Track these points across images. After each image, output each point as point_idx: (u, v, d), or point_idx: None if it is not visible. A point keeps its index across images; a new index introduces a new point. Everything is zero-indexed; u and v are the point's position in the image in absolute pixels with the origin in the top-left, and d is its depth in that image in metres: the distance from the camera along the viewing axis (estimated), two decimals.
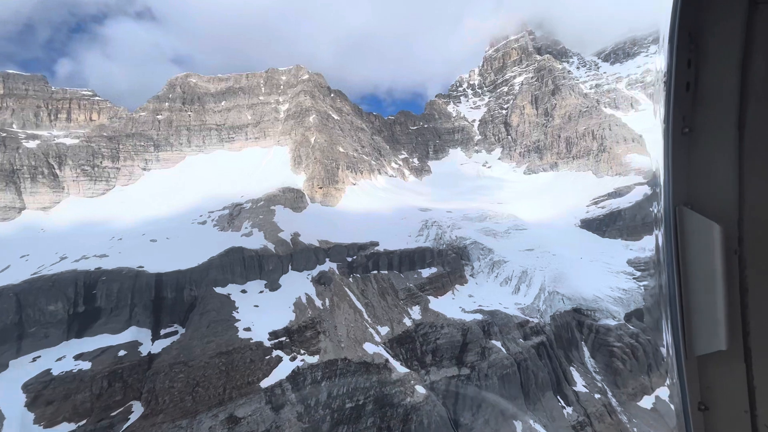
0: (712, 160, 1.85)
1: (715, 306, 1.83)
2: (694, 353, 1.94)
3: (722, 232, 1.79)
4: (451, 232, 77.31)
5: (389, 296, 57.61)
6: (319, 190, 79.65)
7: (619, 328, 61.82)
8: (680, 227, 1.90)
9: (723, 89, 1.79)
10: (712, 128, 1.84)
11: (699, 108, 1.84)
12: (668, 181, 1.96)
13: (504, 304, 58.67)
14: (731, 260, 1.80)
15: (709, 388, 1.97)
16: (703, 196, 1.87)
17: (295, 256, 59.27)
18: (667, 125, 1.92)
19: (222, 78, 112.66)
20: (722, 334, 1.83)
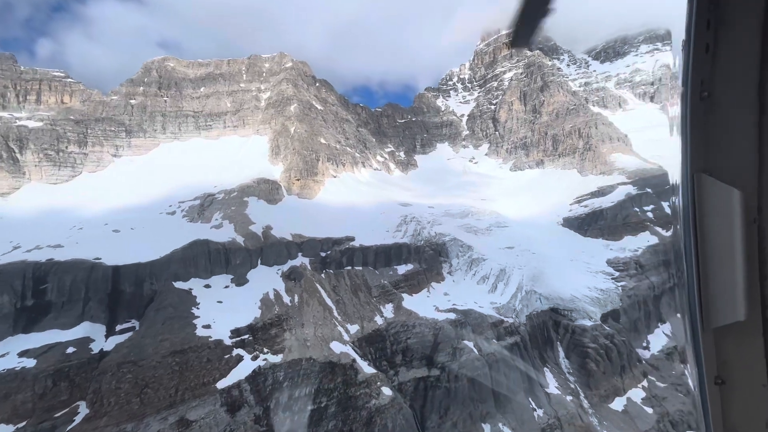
0: (732, 126, 1.78)
1: (734, 276, 1.76)
2: (711, 325, 1.87)
3: (742, 199, 1.73)
4: (430, 228, 75.79)
5: (362, 293, 55.95)
6: (296, 182, 77.20)
7: (595, 329, 61.29)
8: (698, 195, 1.83)
9: (743, 51, 1.72)
10: (732, 92, 1.76)
11: (718, 71, 1.77)
12: (686, 147, 1.87)
13: (479, 303, 57.49)
14: (750, 230, 1.74)
15: (726, 361, 1.90)
16: (722, 163, 1.80)
17: (265, 250, 57.09)
18: (686, 89, 1.84)
19: (202, 63, 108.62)
20: (741, 306, 1.75)
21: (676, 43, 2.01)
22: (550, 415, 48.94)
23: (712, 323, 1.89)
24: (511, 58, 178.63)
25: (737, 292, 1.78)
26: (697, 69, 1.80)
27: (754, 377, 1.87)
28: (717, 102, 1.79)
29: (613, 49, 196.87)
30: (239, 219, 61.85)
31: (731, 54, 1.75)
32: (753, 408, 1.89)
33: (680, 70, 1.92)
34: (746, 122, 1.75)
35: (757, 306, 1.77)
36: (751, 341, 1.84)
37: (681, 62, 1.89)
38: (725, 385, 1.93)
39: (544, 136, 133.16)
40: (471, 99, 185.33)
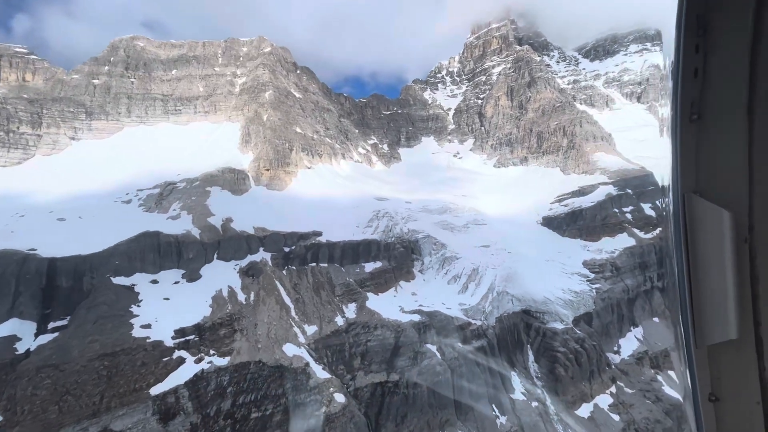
0: (721, 147, 1.83)
1: (726, 295, 1.80)
2: (704, 343, 1.90)
3: (732, 219, 1.77)
4: (404, 224, 73.22)
5: (324, 292, 53.23)
6: (265, 172, 73.61)
7: (566, 333, 59.77)
8: (689, 215, 1.87)
9: (732, 75, 1.77)
10: (721, 114, 1.81)
11: (707, 94, 1.82)
12: (677, 168, 1.92)
13: (447, 304, 55.30)
14: (741, 249, 1.78)
15: (720, 378, 1.93)
16: (712, 183, 1.85)
17: (223, 244, 53.83)
18: (675, 112, 1.90)
19: (175, 44, 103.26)
20: (733, 323, 1.80)
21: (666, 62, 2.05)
22: (513, 422, 47.22)
23: (705, 341, 1.89)
24: (501, 53, 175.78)
25: (729, 311, 1.79)
26: (686, 92, 1.83)
27: (748, 394, 1.86)
28: (706, 124, 1.82)
29: (603, 47, 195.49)
30: (199, 210, 58.34)
31: (720, 78, 1.77)
32: (747, 425, 1.89)
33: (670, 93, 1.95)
34: (735, 144, 1.77)
35: (750, 324, 1.79)
36: (744, 359, 1.84)
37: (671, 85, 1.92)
38: (719, 402, 1.94)
39: (529, 132, 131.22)
40: (459, 93, 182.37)
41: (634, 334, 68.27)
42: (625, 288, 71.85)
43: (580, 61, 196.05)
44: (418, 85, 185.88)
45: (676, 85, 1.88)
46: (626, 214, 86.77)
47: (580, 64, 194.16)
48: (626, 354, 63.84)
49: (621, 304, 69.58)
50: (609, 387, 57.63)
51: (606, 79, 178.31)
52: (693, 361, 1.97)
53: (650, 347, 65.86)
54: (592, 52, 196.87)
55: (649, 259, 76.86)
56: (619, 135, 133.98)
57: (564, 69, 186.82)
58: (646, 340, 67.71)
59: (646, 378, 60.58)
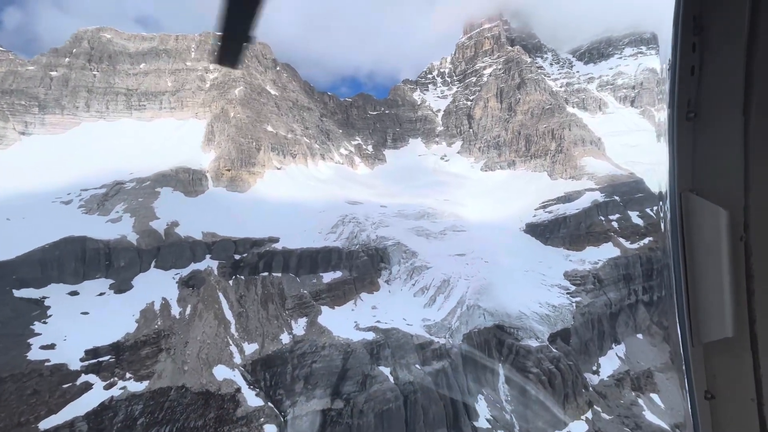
0: (718, 145, 1.84)
1: (722, 292, 1.82)
2: (700, 341, 1.93)
3: (728, 217, 1.79)
4: (373, 230, 68.59)
5: (273, 305, 48.51)
6: (226, 173, 68.95)
7: (540, 351, 55.15)
8: (685, 213, 1.89)
9: (728, 73, 1.78)
10: (718, 113, 1.83)
11: (704, 92, 1.84)
12: (673, 166, 1.94)
13: (409, 320, 50.64)
14: (737, 247, 1.80)
15: (716, 376, 1.96)
16: (708, 181, 1.87)
17: (163, 251, 49.09)
18: (672, 110, 1.91)
19: (146, 37, 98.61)
20: (728, 321, 1.82)
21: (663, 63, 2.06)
22: None
23: (701, 339, 1.92)
24: (492, 54, 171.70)
25: (725, 309, 1.81)
26: (683, 90, 1.85)
27: (743, 392, 1.88)
28: (703, 122, 1.84)
29: (598, 50, 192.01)
30: (143, 212, 53.64)
31: (716, 76, 1.78)
32: (742, 422, 1.92)
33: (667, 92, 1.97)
34: (732, 142, 1.78)
35: (745, 322, 1.81)
36: (740, 356, 1.86)
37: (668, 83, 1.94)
38: (715, 400, 1.96)
39: (518, 135, 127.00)
40: (450, 94, 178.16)
41: (616, 352, 63.73)
42: (608, 302, 67.38)
43: (573, 64, 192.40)
44: (407, 86, 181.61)
45: (673, 84, 1.88)
46: (612, 222, 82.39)
47: (573, 66, 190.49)
48: (606, 374, 59.24)
49: (602, 320, 65.07)
50: (585, 412, 52.98)
51: (600, 83, 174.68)
52: (689, 359, 1.98)
53: (632, 367, 61.33)
54: (586, 55, 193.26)
55: (635, 271, 72.43)
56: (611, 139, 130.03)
57: (557, 71, 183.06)
58: (628, 358, 63.18)
59: (626, 402, 56.00)
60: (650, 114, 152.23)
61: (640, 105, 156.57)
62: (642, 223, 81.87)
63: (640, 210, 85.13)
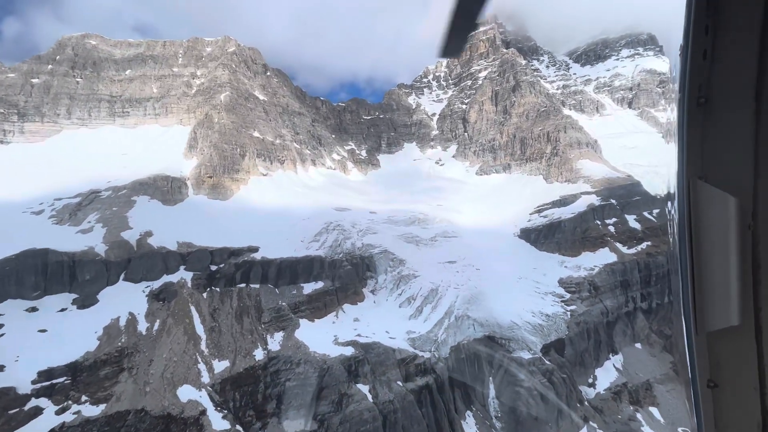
0: (729, 132, 1.81)
1: (728, 281, 1.81)
2: (704, 329, 1.91)
3: (737, 205, 1.77)
4: (360, 238, 66.24)
5: (248, 318, 46.15)
6: (208, 180, 66.91)
7: (533, 363, 52.58)
8: (693, 200, 1.86)
9: (741, 57, 1.75)
10: (729, 98, 1.80)
11: (716, 77, 1.80)
12: (682, 152, 1.91)
13: (392, 333, 48.12)
14: (745, 235, 1.78)
15: (719, 365, 1.95)
16: (718, 168, 1.84)
17: (133, 262, 46.89)
18: (683, 95, 1.87)
19: (132, 43, 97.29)
20: (734, 310, 1.81)
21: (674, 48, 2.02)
22: None
23: (705, 327, 1.90)
24: (487, 57, 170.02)
25: (731, 297, 1.80)
26: (694, 74, 1.81)
27: (746, 381, 1.89)
28: (714, 108, 1.81)
29: (594, 52, 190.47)
30: (116, 223, 51.56)
31: (729, 60, 1.75)
32: (745, 411, 1.92)
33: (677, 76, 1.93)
34: (742, 128, 1.76)
35: (750, 311, 1.80)
36: (744, 345, 1.86)
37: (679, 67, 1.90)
38: (718, 388, 1.96)
39: (513, 139, 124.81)
40: (445, 98, 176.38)
41: (613, 362, 60.97)
42: (604, 310, 64.73)
43: (570, 66, 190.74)
44: (402, 90, 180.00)
45: (684, 68, 1.83)
46: (609, 226, 79.79)
47: (570, 68, 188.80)
48: (602, 387, 56.50)
49: (599, 329, 62.39)
50: (580, 428, 50.25)
51: (597, 84, 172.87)
52: (693, 348, 1.96)
53: (630, 378, 58.54)
54: (583, 57, 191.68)
55: (632, 278, 69.74)
56: (608, 141, 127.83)
57: (554, 74, 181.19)
58: (625, 369, 60.38)
59: (624, 416, 53.20)
60: (649, 115, 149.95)
61: (638, 106, 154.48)
62: (640, 227, 79.26)
63: (637, 214, 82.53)
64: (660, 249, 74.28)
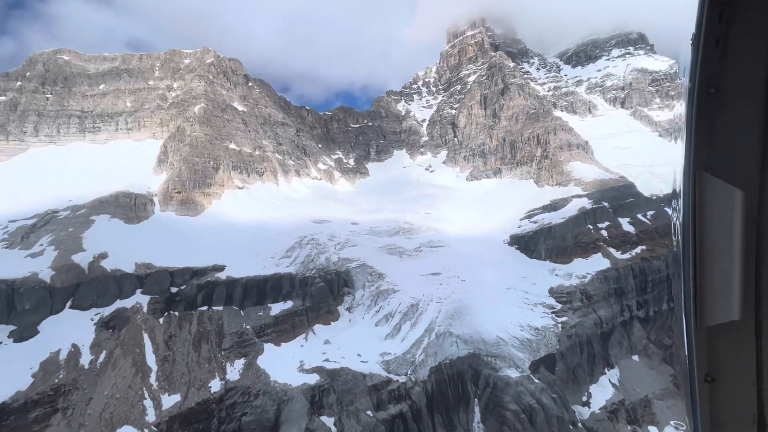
0: (738, 124, 1.78)
1: (731, 275, 1.80)
2: (704, 323, 1.91)
3: (743, 198, 1.76)
4: (338, 251, 62.83)
5: (207, 345, 42.59)
6: (176, 195, 63.84)
7: (520, 383, 48.64)
8: (699, 193, 1.84)
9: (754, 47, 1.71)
10: (740, 89, 1.76)
11: (727, 67, 1.76)
12: (690, 144, 1.88)
13: (364, 356, 44.42)
14: (750, 229, 1.77)
15: (717, 359, 1.95)
16: (725, 161, 1.81)
17: (82, 288, 43.54)
18: (693, 85, 1.83)
19: (107, 57, 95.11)
20: (735, 305, 1.81)
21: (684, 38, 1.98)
22: None
23: (705, 321, 1.89)
24: (476, 61, 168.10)
25: (733, 292, 1.79)
26: (705, 64, 1.76)
27: (744, 375, 1.89)
28: (724, 99, 1.76)
29: (585, 52, 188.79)
30: (69, 245, 48.35)
31: (742, 49, 1.70)
32: (741, 405, 1.92)
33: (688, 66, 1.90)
34: (752, 120, 1.73)
35: (752, 306, 1.80)
36: (743, 340, 1.86)
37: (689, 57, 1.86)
38: (715, 383, 1.96)
39: (503, 142, 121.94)
40: (435, 103, 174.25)
41: (609, 377, 57.00)
42: (598, 320, 60.97)
43: (561, 68, 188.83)
44: (391, 97, 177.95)
45: (696, 57, 1.78)
46: (601, 230, 76.21)
47: (561, 70, 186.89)
48: (597, 406, 52.48)
49: (592, 341, 58.58)
50: None
51: (588, 85, 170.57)
52: (692, 342, 1.96)
53: (627, 395, 54.57)
54: (573, 58, 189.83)
55: (627, 285, 66.02)
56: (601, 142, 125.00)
57: (544, 76, 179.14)
58: (622, 385, 56.40)
59: None
60: (642, 114, 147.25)
61: (631, 106, 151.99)
62: (634, 230, 75.70)
63: (631, 216, 78.96)
64: (656, 253, 70.67)
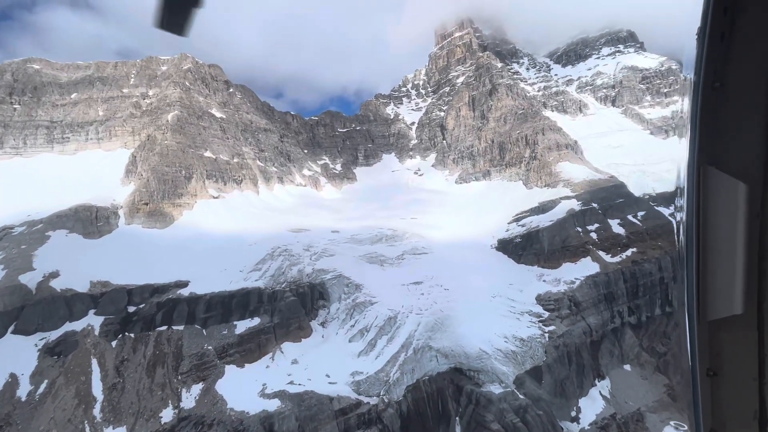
0: (742, 118, 1.79)
1: (734, 270, 1.81)
2: (706, 318, 1.92)
3: (747, 192, 1.77)
4: (314, 262, 59.87)
5: (163, 369, 39.51)
6: (143, 207, 60.90)
7: (504, 399, 45.68)
8: (703, 187, 1.85)
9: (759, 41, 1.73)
10: (745, 83, 1.77)
11: (732, 61, 1.78)
12: (694, 138, 1.89)
13: (333, 376, 41.36)
14: (753, 224, 1.78)
15: (719, 354, 1.96)
16: (729, 155, 1.82)
17: (27, 311, 40.49)
18: (698, 79, 1.84)
19: (81, 65, 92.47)
20: (738, 299, 1.82)
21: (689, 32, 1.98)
22: None
23: (708, 315, 1.90)
24: (465, 62, 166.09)
25: (736, 286, 1.80)
26: (711, 58, 1.77)
27: (746, 370, 1.90)
28: (729, 93, 1.77)
29: (575, 51, 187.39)
30: (18, 264, 45.35)
31: (747, 43, 1.71)
32: (743, 400, 1.93)
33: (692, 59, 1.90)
34: (757, 114, 1.74)
35: (754, 300, 1.80)
36: (745, 335, 1.86)
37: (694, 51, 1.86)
38: (717, 377, 1.96)
39: (491, 144, 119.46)
40: (424, 106, 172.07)
41: (599, 389, 53.98)
42: (587, 329, 58.06)
43: (551, 67, 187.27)
44: (380, 100, 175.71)
45: (701, 51, 1.79)
46: (591, 233, 73.44)
47: (552, 70, 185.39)
48: (587, 421, 49.46)
49: (581, 351, 55.64)
50: None
51: (579, 84, 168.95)
52: (694, 336, 1.96)
53: (619, 408, 51.57)
54: (563, 57, 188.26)
55: (617, 290, 63.11)
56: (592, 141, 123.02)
57: (534, 76, 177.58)
58: (613, 397, 53.39)
59: None
60: (633, 112, 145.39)
61: (622, 104, 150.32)
62: (624, 232, 72.93)
63: (621, 218, 76.24)
64: (646, 255, 67.95)
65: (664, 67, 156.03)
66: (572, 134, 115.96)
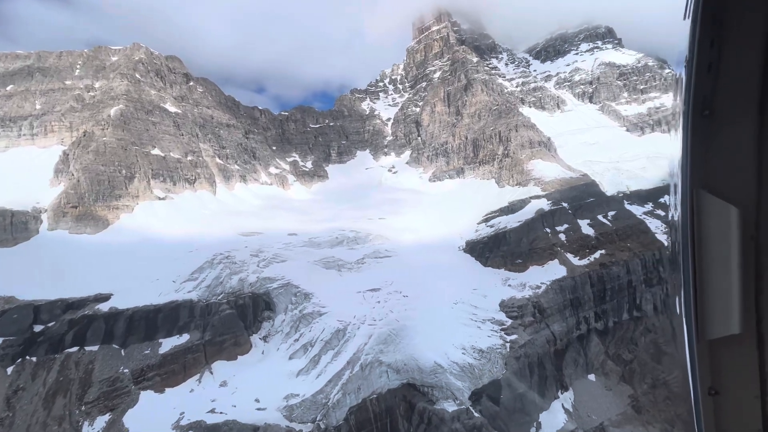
0: (732, 144, 1.86)
1: (730, 290, 1.85)
2: (706, 337, 1.95)
3: (739, 215, 1.82)
4: (261, 269, 55.35)
5: (65, 399, 34.67)
6: (71, 210, 55.42)
7: (457, 418, 42.25)
8: (697, 210, 1.91)
9: (746, 71, 1.79)
10: (733, 111, 1.84)
11: (720, 90, 1.84)
12: (686, 164, 1.95)
13: (264, 401, 37.14)
14: (748, 245, 1.83)
15: (720, 373, 1.98)
16: (721, 179, 1.89)
17: None
18: (687, 107, 1.91)
19: (20, 55, 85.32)
20: (736, 319, 1.85)
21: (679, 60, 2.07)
22: None
23: (707, 335, 1.93)
24: (442, 56, 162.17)
25: (733, 306, 1.83)
26: (699, 87, 1.84)
27: (747, 389, 1.92)
28: (718, 120, 1.85)
29: (554, 47, 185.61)
30: None
31: (734, 73, 1.78)
32: (745, 419, 1.95)
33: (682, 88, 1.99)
34: (746, 140, 1.80)
35: (752, 319, 1.84)
36: (745, 354, 1.89)
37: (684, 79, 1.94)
38: (719, 396, 1.98)
39: (465, 141, 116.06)
40: (401, 101, 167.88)
41: (562, 401, 51.05)
42: (551, 337, 55.09)
43: (530, 63, 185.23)
44: (356, 95, 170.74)
45: (689, 80, 1.86)
46: (559, 234, 70.58)
47: (531, 65, 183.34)
48: None
49: (544, 361, 52.62)
50: None
51: (557, 80, 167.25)
52: (694, 355, 1.98)
53: (581, 422, 48.70)
54: (542, 53, 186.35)
55: (584, 294, 60.31)
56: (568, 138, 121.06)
57: (512, 71, 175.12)
58: (576, 410, 50.54)
59: None
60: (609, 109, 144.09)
61: (599, 101, 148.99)
62: (593, 233, 70.25)
63: (591, 218, 73.58)
64: (615, 257, 65.39)
65: (641, 64, 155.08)
66: (549, 131, 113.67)
